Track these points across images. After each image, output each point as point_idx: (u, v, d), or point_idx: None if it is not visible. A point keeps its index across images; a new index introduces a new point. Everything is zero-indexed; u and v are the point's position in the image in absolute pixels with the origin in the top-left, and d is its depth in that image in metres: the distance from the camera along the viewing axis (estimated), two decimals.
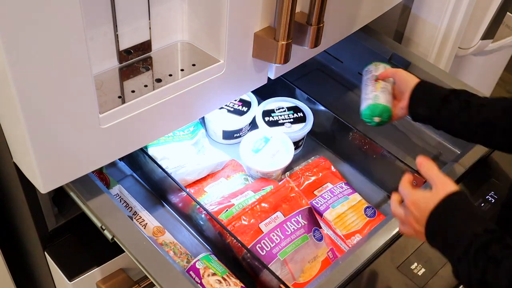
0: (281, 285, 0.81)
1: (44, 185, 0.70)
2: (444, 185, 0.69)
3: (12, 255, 1.07)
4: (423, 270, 0.82)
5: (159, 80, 0.76)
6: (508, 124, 0.86)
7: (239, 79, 0.85)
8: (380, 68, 1.05)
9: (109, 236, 0.79)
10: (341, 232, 0.98)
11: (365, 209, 1.02)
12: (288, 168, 1.08)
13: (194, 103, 0.81)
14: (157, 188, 1.03)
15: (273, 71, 0.90)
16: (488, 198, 0.93)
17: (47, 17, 0.56)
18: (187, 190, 0.98)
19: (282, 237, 0.89)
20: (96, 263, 0.92)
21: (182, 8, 0.79)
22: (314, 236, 0.92)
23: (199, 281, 0.83)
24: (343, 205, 1.01)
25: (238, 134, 1.13)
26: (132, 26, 0.75)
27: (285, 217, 0.92)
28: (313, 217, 0.95)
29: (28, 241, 1.00)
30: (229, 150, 1.12)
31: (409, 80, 0.95)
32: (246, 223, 0.91)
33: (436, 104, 0.91)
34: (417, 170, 1.00)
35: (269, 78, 0.92)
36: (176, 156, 1.02)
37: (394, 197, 0.77)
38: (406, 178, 0.76)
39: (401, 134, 1.19)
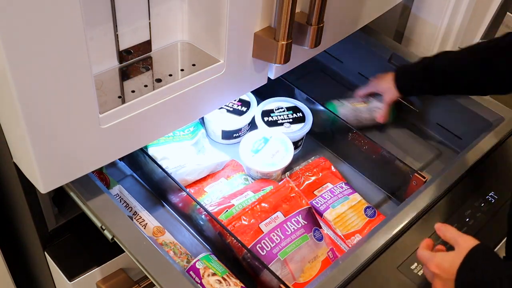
0: (281, 285, 0.80)
1: (44, 185, 0.70)
2: (466, 242, 0.70)
3: (12, 255, 1.07)
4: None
5: (159, 80, 0.76)
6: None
7: (239, 79, 0.85)
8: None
9: (109, 236, 0.79)
10: (341, 232, 0.98)
11: (365, 209, 1.02)
12: (288, 168, 1.08)
13: (194, 103, 0.81)
14: (157, 188, 1.03)
15: (273, 71, 0.90)
16: (488, 198, 0.93)
17: (47, 17, 0.56)
18: (187, 190, 0.98)
19: (282, 237, 0.89)
20: (96, 263, 0.92)
21: (182, 8, 0.79)
22: (314, 236, 0.92)
23: (199, 281, 0.83)
24: (343, 205, 1.01)
25: (237, 134, 1.13)
26: (132, 26, 0.75)
27: (285, 217, 0.92)
28: (313, 217, 0.95)
29: (28, 241, 1.00)
30: (229, 150, 1.12)
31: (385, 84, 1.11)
32: (246, 223, 0.91)
33: (423, 86, 1.05)
34: (417, 170, 1.00)
35: (269, 78, 0.92)
36: (176, 156, 1.02)
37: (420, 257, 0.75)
38: (425, 244, 0.76)
39: (401, 134, 1.19)
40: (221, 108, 1.11)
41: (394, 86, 1.09)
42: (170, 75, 0.77)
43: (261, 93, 1.16)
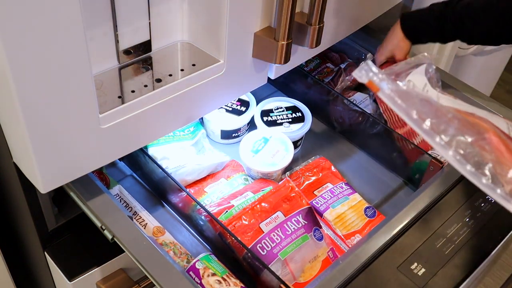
0: (282, 285, 0.80)
1: (44, 185, 0.70)
2: None
3: (12, 255, 1.07)
4: (423, 270, 0.82)
5: (159, 80, 0.76)
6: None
7: (239, 79, 0.85)
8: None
9: (109, 236, 0.79)
10: (341, 232, 0.98)
11: (365, 209, 1.02)
12: (288, 168, 1.08)
13: (194, 103, 0.81)
14: (157, 188, 1.03)
15: (273, 71, 0.90)
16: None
17: (47, 17, 0.56)
18: (187, 190, 0.98)
19: (283, 236, 0.89)
20: (96, 263, 0.92)
21: (182, 8, 0.79)
22: (315, 235, 0.92)
23: (199, 281, 0.83)
24: (343, 205, 1.01)
25: (236, 134, 1.13)
26: (132, 26, 0.75)
27: (285, 216, 0.92)
28: (313, 216, 0.95)
29: (28, 241, 1.00)
30: (229, 150, 1.12)
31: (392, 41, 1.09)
32: (246, 223, 0.91)
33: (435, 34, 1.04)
34: (434, 156, 1.00)
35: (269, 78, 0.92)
36: (176, 156, 1.02)
37: None
38: None
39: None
40: (220, 107, 1.11)
41: (404, 36, 1.06)
42: (170, 75, 0.77)
43: (260, 93, 1.15)
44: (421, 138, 1.11)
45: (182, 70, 0.78)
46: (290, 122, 1.11)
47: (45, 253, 0.93)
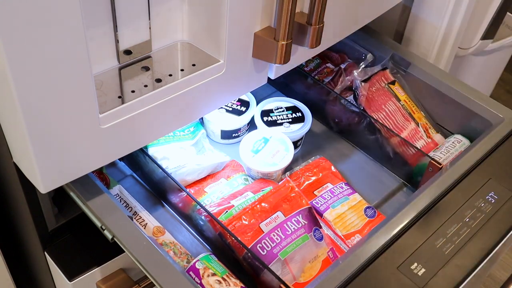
0: (282, 285, 0.80)
1: (44, 185, 0.70)
2: None
3: (12, 255, 1.07)
4: (423, 270, 0.82)
5: (159, 80, 0.76)
6: None
7: (239, 79, 0.85)
8: None
9: (109, 236, 0.79)
10: (341, 233, 0.98)
11: (365, 209, 1.02)
12: (288, 168, 1.08)
13: (194, 103, 0.81)
14: (157, 188, 1.03)
15: (273, 71, 0.90)
16: (488, 198, 0.93)
17: (47, 17, 0.56)
18: (187, 190, 0.98)
19: (283, 236, 0.89)
20: (96, 263, 0.92)
21: (182, 8, 0.79)
22: (315, 235, 0.92)
23: (199, 282, 0.83)
24: (343, 205, 1.01)
25: (236, 134, 1.13)
26: (132, 26, 0.75)
27: (285, 217, 0.92)
28: (313, 216, 0.95)
29: (28, 241, 1.00)
30: (229, 151, 1.12)
31: None
32: (246, 223, 0.91)
33: None
34: (432, 157, 1.00)
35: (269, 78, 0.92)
36: (176, 156, 1.02)
37: None
38: None
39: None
40: (220, 108, 1.11)
41: None
42: (170, 75, 0.77)
43: (260, 93, 1.15)
44: (421, 143, 1.11)
45: (182, 70, 0.78)
46: (290, 122, 1.11)
47: (45, 253, 0.93)
